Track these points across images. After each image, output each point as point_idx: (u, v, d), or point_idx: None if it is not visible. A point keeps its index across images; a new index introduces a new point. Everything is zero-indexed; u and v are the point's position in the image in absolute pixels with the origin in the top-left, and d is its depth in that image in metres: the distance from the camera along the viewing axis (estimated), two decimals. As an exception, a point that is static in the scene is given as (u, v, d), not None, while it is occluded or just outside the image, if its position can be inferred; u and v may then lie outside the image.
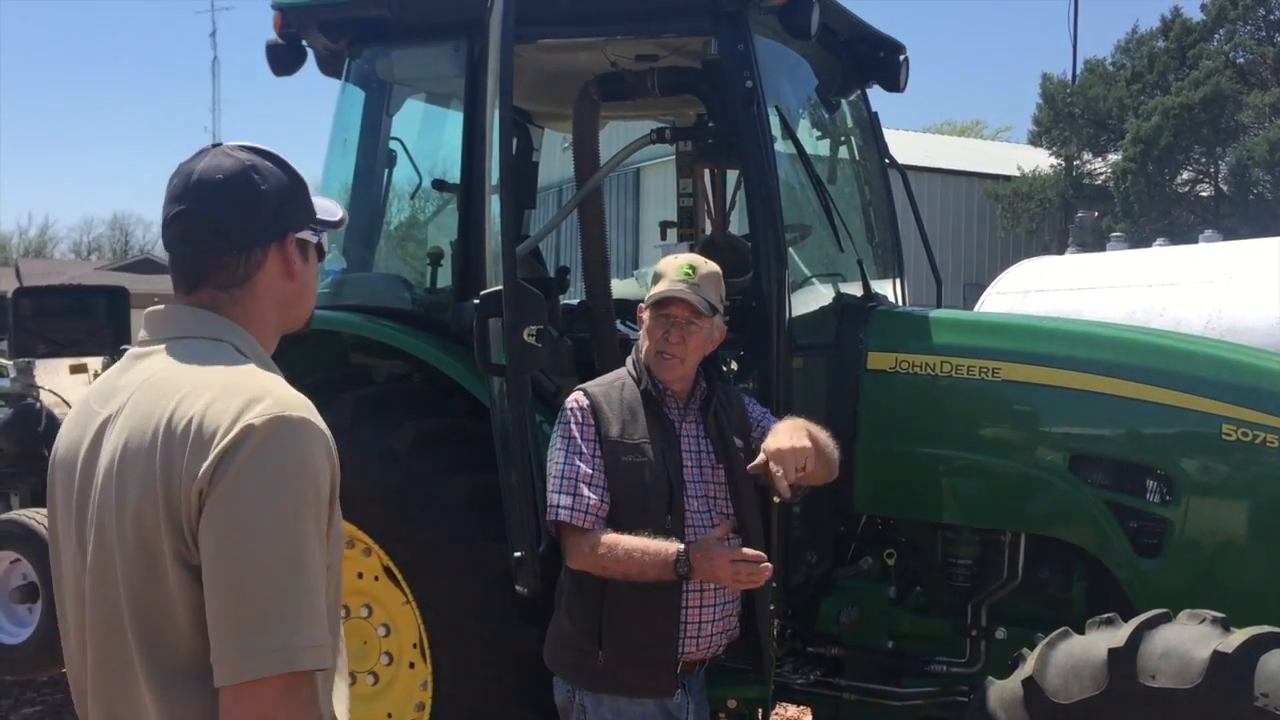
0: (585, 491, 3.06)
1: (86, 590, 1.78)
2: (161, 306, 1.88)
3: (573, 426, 3.15)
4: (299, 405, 1.72)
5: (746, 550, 2.92)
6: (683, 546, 2.94)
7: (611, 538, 3.00)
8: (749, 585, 2.97)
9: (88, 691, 1.82)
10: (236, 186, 1.82)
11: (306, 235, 1.92)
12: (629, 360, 3.30)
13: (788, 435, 3.09)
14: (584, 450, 3.11)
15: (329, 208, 1.97)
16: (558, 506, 3.08)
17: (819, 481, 3.32)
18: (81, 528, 1.80)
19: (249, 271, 1.85)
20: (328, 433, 1.75)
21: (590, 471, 3.09)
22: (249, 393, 1.70)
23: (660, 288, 3.18)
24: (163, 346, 1.83)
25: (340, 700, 1.83)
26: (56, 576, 1.90)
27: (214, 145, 1.88)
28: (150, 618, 1.70)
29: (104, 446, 1.78)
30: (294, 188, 1.90)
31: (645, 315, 3.25)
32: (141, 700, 1.72)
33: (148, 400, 1.74)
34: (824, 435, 3.26)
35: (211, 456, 1.63)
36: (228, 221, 1.81)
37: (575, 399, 3.19)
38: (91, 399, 1.88)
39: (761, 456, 3.06)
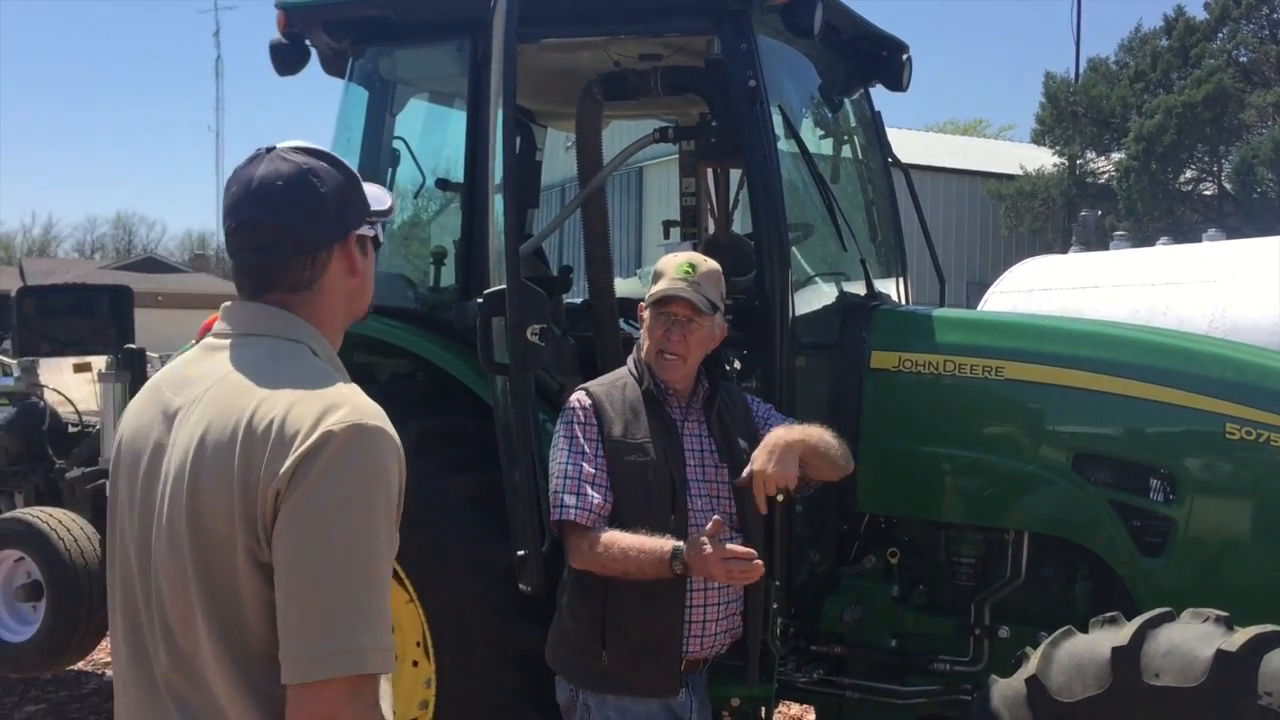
0: (589, 491, 3.07)
1: (155, 575, 1.78)
2: (237, 302, 1.90)
3: (575, 426, 3.15)
4: (374, 414, 1.75)
5: (737, 548, 2.92)
6: (679, 544, 2.95)
7: (610, 536, 3.00)
8: (743, 581, 2.97)
9: (133, 674, 1.83)
10: (298, 192, 1.83)
11: (364, 230, 1.94)
12: (630, 359, 3.31)
13: (775, 456, 3.09)
14: (586, 450, 3.11)
15: (379, 196, 1.98)
16: (562, 506, 3.08)
17: (829, 478, 3.33)
18: (146, 513, 1.81)
19: (315, 274, 1.87)
20: (399, 441, 1.78)
21: (593, 471, 3.09)
22: (328, 399, 1.73)
23: (660, 286, 3.18)
24: (240, 342, 1.85)
25: (385, 699, 1.85)
26: (110, 558, 1.91)
27: (267, 149, 1.89)
28: (223, 609, 1.72)
29: (177, 436, 1.79)
30: (350, 185, 1.92)
31: (646, 314, 3.25)
32: (213, 687, 1.74)
33: (228, 397, 1.76)
34: (825, 436, 3.25)
35: (291, 459, 1.66)
36: (292, 228, 1.83)
37: (577, 398, 3.19)
38: (164, 385, 1.89)
39: (747, 472, 3.10)
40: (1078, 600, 3.80)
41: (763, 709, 3.79)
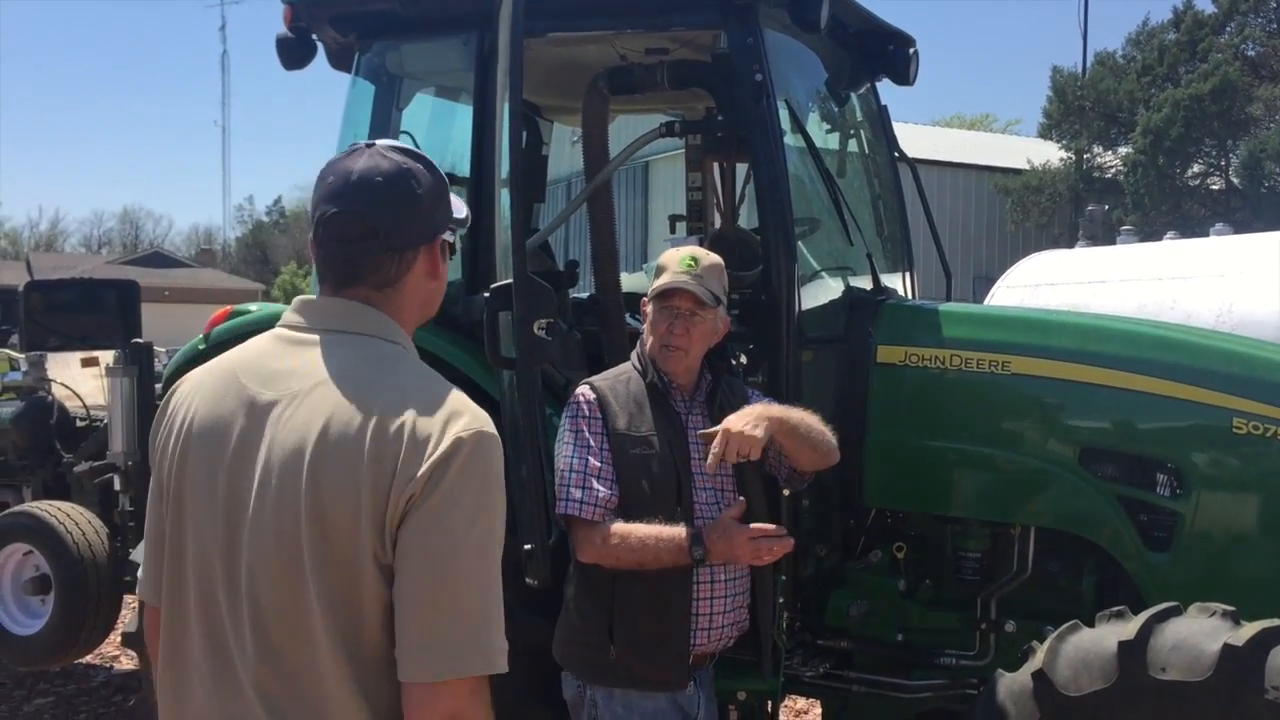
0: (595, 485, 3.07)
1: (247, 572, 1.77)
2: (320, 297, 1.91)
3: (580, 420, 3.16)
4: (488, 420, 1.81)
5: (764, 525, 2.93)
6: (698, 529, 2.95)
7: (623, 527, 3.01)
8: (769, 560, 2.97)
9: (210, 671, 1.82)
10: (396, 189, 1.85)
11: (447, 235, 1.96)
12: (634, 354, 3.31)
13: (745, 421, 3.05)
14: (591, 443, 3.12)
15: (457, 204, 2.00)
16: (568, 500, 3.09)
17: (808, 466, 3.31)
18: (233, 507, 1.79)
19: (400, 273, 1.89)
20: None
21: (599, 465, 3.10)
22: (450, 405, 1.78)
23: (663, 280, 3.19)
24: (334, 339, 1.85)
25: None
26: (177, 545, 1.88)
27: (366, 145, 1.90)
28: (339, 611, 1.73)
29: (276, 432, 1.78)
30: (441, 190, 1.93)
31: (649, 308, 3.25)
32: (316, 687, 1.74)
33: (345, 397, 1.76)
34: (809, 420, 3.23)
35: (426, 465, 1.70)
36: (386, 224, 1.84)
37: (582, 392, 3.20)
38: (243, 377, 1.86)
39: (717, 428, 3.06)
40: (1084, 595, 3.80)
41: (769, 703, 3.80)
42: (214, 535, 1.82)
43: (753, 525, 2.95)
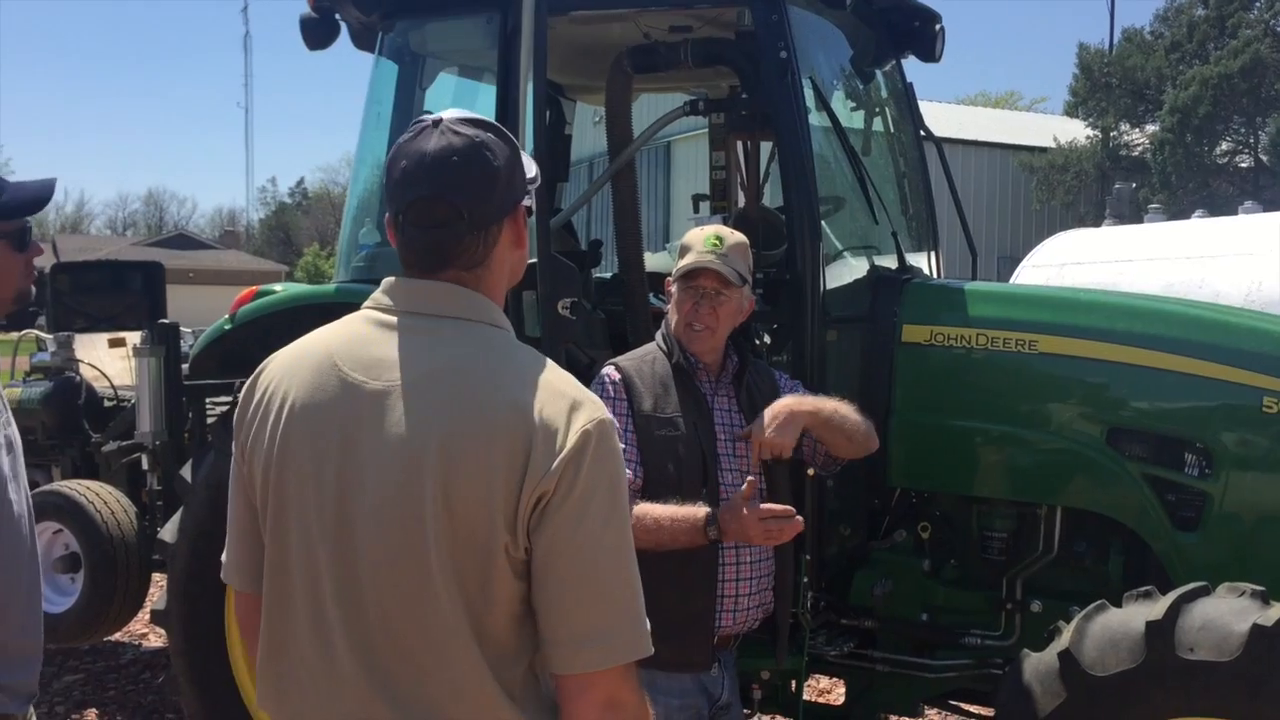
0: None
1: (358, 562, 1.75)
2: (409, 279, 1.85)
3: (605, 400, 3.13)
4: (602, 404, 1.81)
5: (774, 506, 2.91)
6: (711, 509, 2.94)
7: (640, 508, 3.00)
8: (780, 540, 2.96)
9: (317, 662, 1.80)
10: (474, 167, 1.79)
11: (526, 201, 1.92)
12: (659, 334, 3.30)
13: (776, 422, 3.12)
14: (616, 425, 3.09)
15: (528, 163, 1.94)
16: None
17: (844, 455, 3.31)
18: (341, 496, 1.77)
19: (488, 249, 1.84)
20: None
21: (623, 446, 3.08)
22: (569, 394, 1.77)
23: (688, 260, 3.17)
24: (437, 325, 1.81)
25: None
26: (279, 533, 1.84)
27: (433, 121, 1.83)
28: (472, 602, 1.73)
29: (387, 421, 1.74)
30: (516, 155, 1.88)
31: (673, 288, 3.24)
32: (441, 675, 1.74)
33: (466, 389, 1.74)
34: (842, 409, 3.23)
35: (557, 461, 1.70)
36: (471, 204, 1.79)
37: (607, 373, 3.18)
38: (341, 363, 1.81)
39: (746, 430, 3.14)
40: (1111, 575, 3.78)
41: (793, 682, 3.80)
42: (321, 526, 1.79)
43: (763, 506, 2.92)
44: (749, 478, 2.96)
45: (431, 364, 1.77)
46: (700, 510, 2.95)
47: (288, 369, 1.87)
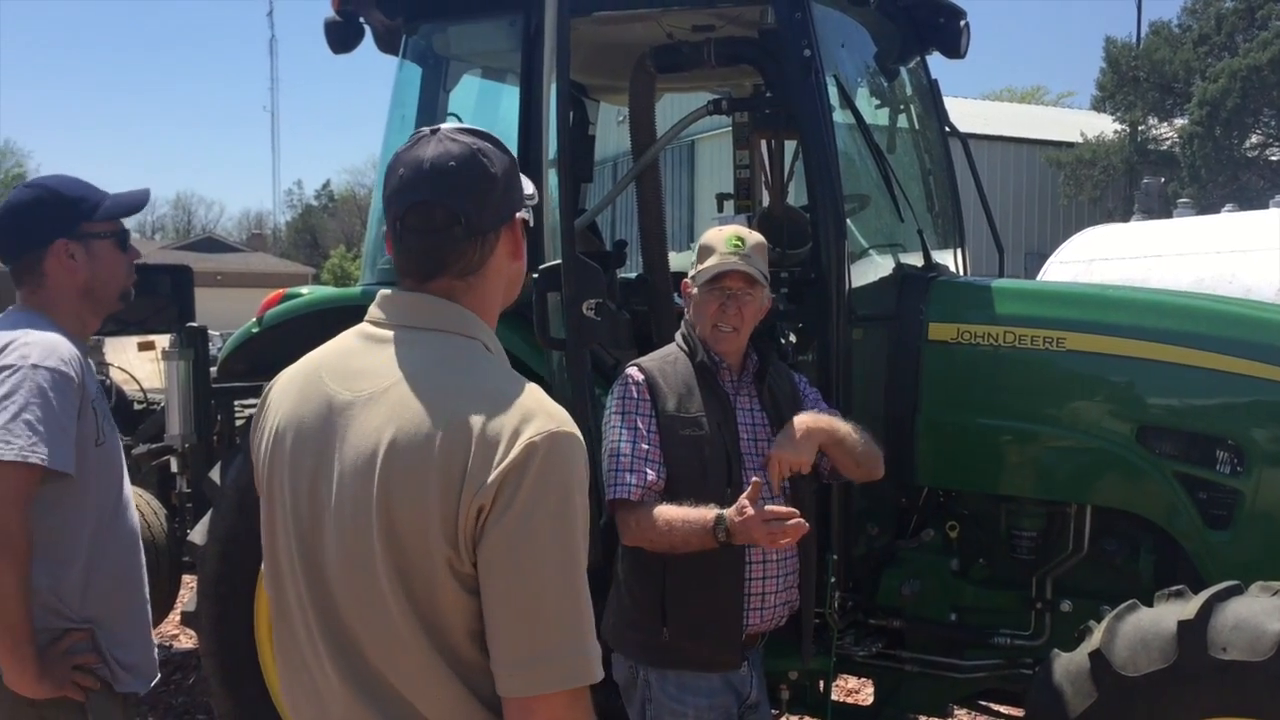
0: (646, 469, 3.06)
1: (328, 578, 1.78)
2: (398, 291, 1.86)
3: (629, 402, 3.14)
4: (565, 418, 1.74)
5: (778, 509, 2.89)
6: (722, 512, 2.92)
7: (656, 510, 3.00)
8: (786, 543, 2.91)
9: (313, 661, 1.83)
10: (471, 173, 1.80)
11: (523, 213, 1.92)
12: (679, 334, 3.30)
13: (792, 438, 3.14)
14: (640, 426, 3.10)
15: (525, 181, 1.96)
16: (628, 485, 3.05)
17: (850, 476, 3.33)
18: (314, 510, 1.80)
19: (484, 257, 1.84)
20: (583, 439, 1.77)
21: (647, 448, 3.08)
22: (522, 405, 1.71)
23: (712, 262, 3.17)
24: (411, 336, 1.82)
25: None
26: (271, 545, 1.89)
27: (430, 131, 1.85)
28: (426, 615, 1.72)
29: (348, 433, 1.76)
30: (514, 167, 1.89)
31: (693, 291, 3.23)
32: (411, 688, 1.74)
33: (416, 399, 1.73)
34: (854, 434, 3.24)
35: (495, 473, 1.65)
36: (467, 209, 1.79)
37: (630, 374, 3.19)
38: (324, 374, 1.85)
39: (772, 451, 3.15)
40: (1142, 574, 3.75)
41: (821, 682, 3.79)
42: (298, 537, 1.83)
43: (767, 508, 2.89)
44: (754, 479, 2.96)
45: (392, 376, 1.77)
46: (710, 512, 2.94)
47: (287, 383, 1.92)
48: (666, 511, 2.98)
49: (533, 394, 1.76)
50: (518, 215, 1.89)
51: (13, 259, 2.80)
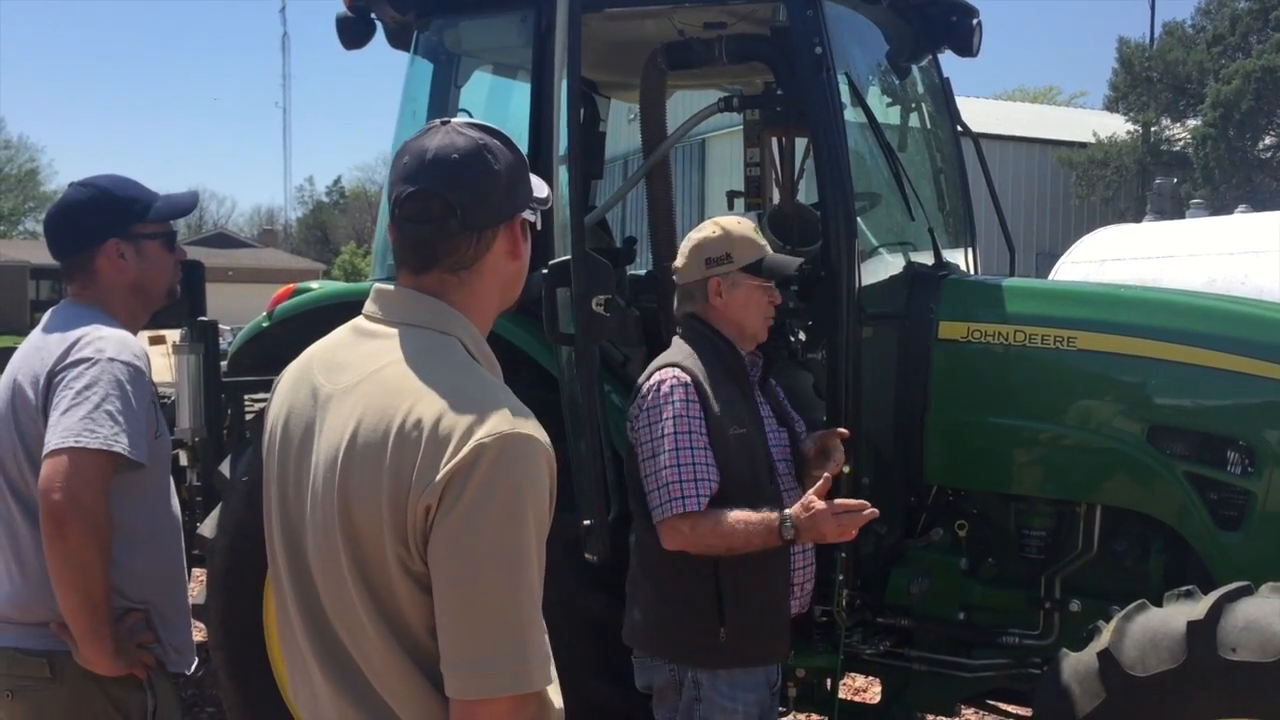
0: (710, 476, 3.02)
1: (310, 567, 1.80)
2: (392, 286, 1.86)
3: (679, 405, 3.05)
4: (523, 420, 1.71)
5: (848, 501, 2.90)
6: (786, 511, 2.92)
7: (717, 515, 2.97)
8: (853, 532, 2.93)
9: (309, 651, 1.85)
10: (473, 166, 1.79)
11: (528, 214, 1.90)
12: (693, 331, 3.27)
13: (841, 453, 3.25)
14: (695, 430, 3.04)
15: (538, 183, 1.94)
16: (696, 496, 2.99)
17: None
18: (298, 501, 1.81)
19: (479, 253, 1.82)
20: (548, 442, 1.74)
21: (705, 453, 3.04)
22: (479, 404, 1.68)
23: (755, 254, 3.20)
24: (392, 331, 1.81)
25: (554, 688, 1.85)
26: (269, 537, 1.91)
27: (441, 122, 1.84)
28: (386, 609, 1.72)
29: (324, 425, 1.78)
30: (521, 166, 1.87)
31: (729, 285, 3.20)
32: (382, 680, 1.75)
33: (380, 395, 1.73)
34: None
35: (442, 473, 1.63)
36: (465, 202, 1.78)
37: (676, 376, 3.09)
38: (315, 366, 1.87)
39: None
40: (1151, 574, 3.73)
41: (828, 680, 3.79)
42: (286, 527, 1.85)
43: (838, 502, 2.90)
44: (824, 475, 2.96)
45: (366, 370, 1.78)
46: (771, 514, 2.93)
47: (289, 375, 1.94)
48: (727, 516, 2.95)
49: (494, 394, 1.74)
50: (521, 216, 1.88)
51: (65, 256, 2.89)
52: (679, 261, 3.32)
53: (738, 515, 2.95)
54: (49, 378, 2.65)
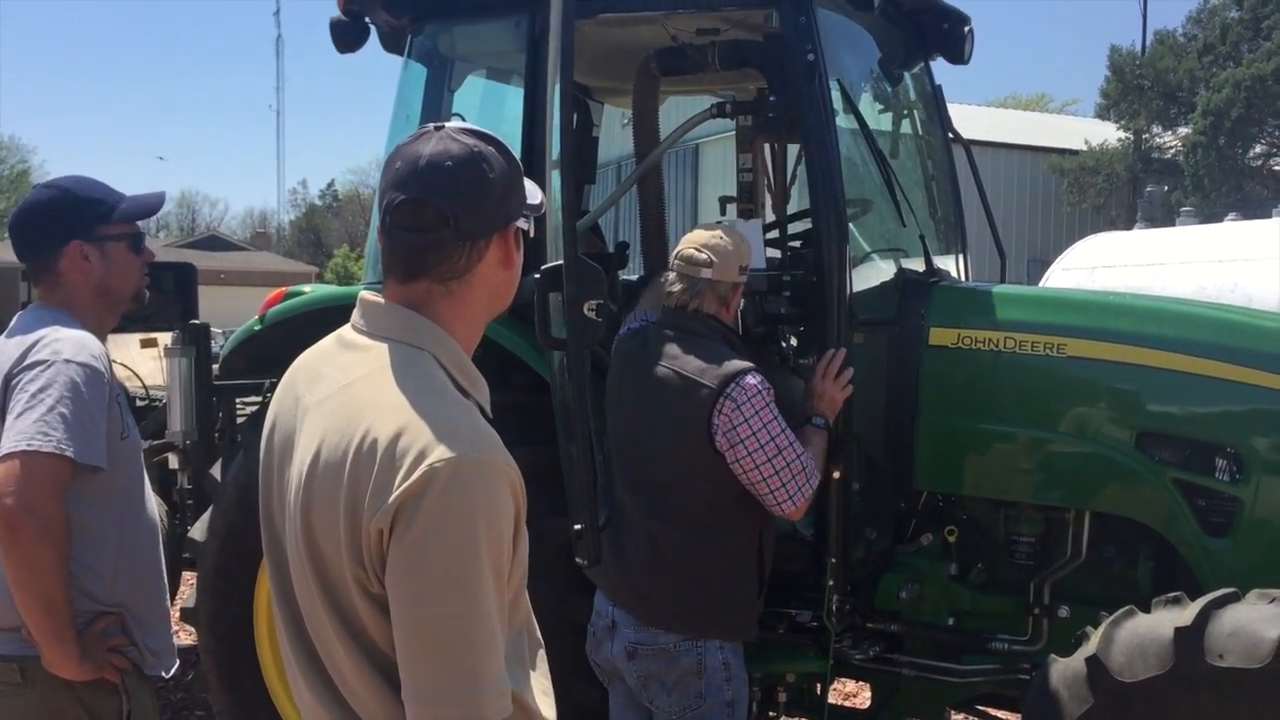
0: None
1: (290, 576, 1.80)
2: (379, 299, 1.82)
3: (774, 405, 3.27)
4: (482, 443, 1.67)
5: (829, 367, 3.49)
6: (814, 416, 3.46)
7: (814, 471, 3.33)
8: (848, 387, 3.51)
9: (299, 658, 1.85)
10: (467, 174, 1.74)
11: (521, 223, 1.86)
12: (734, 333, 3.44)
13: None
14: (788, 426, 3.29)
15: (533, 189, 1.90)
16: (816, 470, 3.34)
17: None
18: (281, 510, 1.82)
19: (470, 263, 1.78)
20: (510, 466, 1.71)
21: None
22: (438, 426, 1.63)
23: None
24: (369, 344, 1.78)
25: (544, 693, 1.85)
26: (261, 540, 1.92)
27: (435, 127, 1.79)
28: (352, 624, 1.71)
29: (301, 437, 1.76)
30: (515, 174, 1.82)
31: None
32: (355, 693, 1.74)
33: (343, 411, 1.70)
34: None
35: (394, 496, 1.59)
36: (458, 210, 1.73)
37: (759, 379, 3.26)
38: (300, 375, 1.85)
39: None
40: (1140, 580, 3.75)
41: (818, 685, 3.79)
42: (269, 539, 1.86)
43: (824, 367, 3.50)
44: (840, 350, 3.52)
45: (337, 384, 1.75)
46: (802, 428, 3.37)
47: (282, 380, 1.93)
48: (806, 458, 3.28)
49: (455, 415, 1.68)
50: (514, 224, 1.83)
51: (29, 259, 2.87)
52: (711, 257, 3.43)
53: (809, 453, 3.31)
54: (6, 380, 2.64)
